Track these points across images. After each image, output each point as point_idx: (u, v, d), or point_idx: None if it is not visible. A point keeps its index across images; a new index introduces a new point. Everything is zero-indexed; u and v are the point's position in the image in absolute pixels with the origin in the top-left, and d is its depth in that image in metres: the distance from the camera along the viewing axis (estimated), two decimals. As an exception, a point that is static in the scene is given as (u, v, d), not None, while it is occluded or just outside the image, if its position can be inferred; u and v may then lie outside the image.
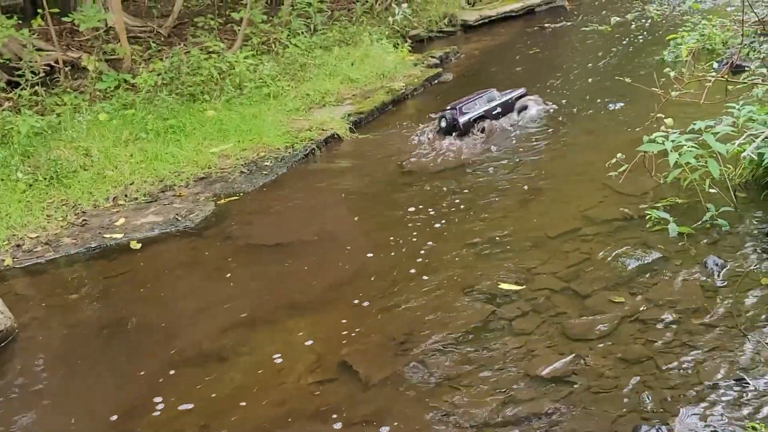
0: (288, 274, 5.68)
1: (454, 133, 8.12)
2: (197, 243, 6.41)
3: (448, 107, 8.32)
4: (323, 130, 8.56)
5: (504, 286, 5.08)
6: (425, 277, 5.34)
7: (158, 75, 9.03)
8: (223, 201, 7.18)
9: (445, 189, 6.85)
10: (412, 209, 6.50)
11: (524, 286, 5.05)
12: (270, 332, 4.95)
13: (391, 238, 6.00)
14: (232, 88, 9.25)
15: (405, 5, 12.46)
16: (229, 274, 5.77)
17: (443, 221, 6.22)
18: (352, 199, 7.10)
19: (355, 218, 6.67)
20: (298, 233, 6.39)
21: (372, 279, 5.44)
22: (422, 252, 5.73)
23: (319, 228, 6.47)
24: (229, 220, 6.77)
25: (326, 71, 10.18)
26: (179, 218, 6.82)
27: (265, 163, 7.86)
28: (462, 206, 6.45)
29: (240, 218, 6.79)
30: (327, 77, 10.04)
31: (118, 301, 5.60)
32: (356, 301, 5.13)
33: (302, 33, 10.83)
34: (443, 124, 8.33)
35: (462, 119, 8.16)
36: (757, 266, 4.80)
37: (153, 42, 10.27)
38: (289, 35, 10.62)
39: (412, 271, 5.47)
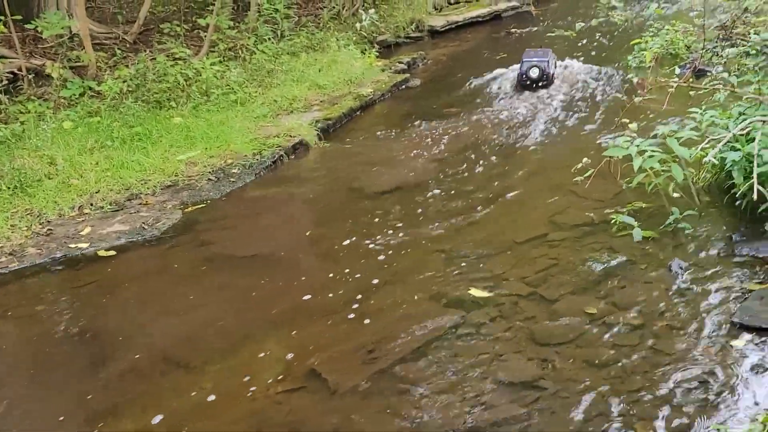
0: (256, 283, 5.64)
1: (539, 85, 9.22)
2: (164, 252, 6.34)
3: (530, 59, 9.41)
4: (291, 136, 8.53)
5: (473, 292, 5.10)
6: (394, 285, 5.35)
7: (124, 82, 8.94)
8: (190, 209, 7.12)
9: (412, 196, 6.85)
10: (380, 217, 6.51)
11: (493, 292, 5.07)
12: (238, 342, 4.91)
13: (360, 246, 5.99)
14: (199, 95, 9.19)
15: (372, 11, 12.48)
16: (196, 284, 5.72)
17: (411, 228, 6.23)
18: (319, 207, 7.07)
19: (323, 227, 6.63)
20: (265, 242, 6.35)
21: (341, 288, 5.41)
22: (391, 259, 5.74)
23: (287, 237, 6.44)
24: (197, 228, 6.71)
25: (294, 77, 10.15)
26: (146, 227, 6.74)
27: (233, 171, 7.82)
28: (429, 213, 6.47)
29: (207, 227, 6.74)
30: (294, 83, 10.01)
31: (85, 311, 5.52)
32: (325, 310, 5.11)
33: (269, 39, 10.80)
34: (534, 74, 9.30)
35: (551, 71, 9.25)
36: (720, 269, 4.87)
37: (118, 49, 10.17)
38: (256, 41, 10.58)
39: (381, 278, 5.46)
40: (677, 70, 8.40)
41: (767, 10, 7.82)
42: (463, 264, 5.51)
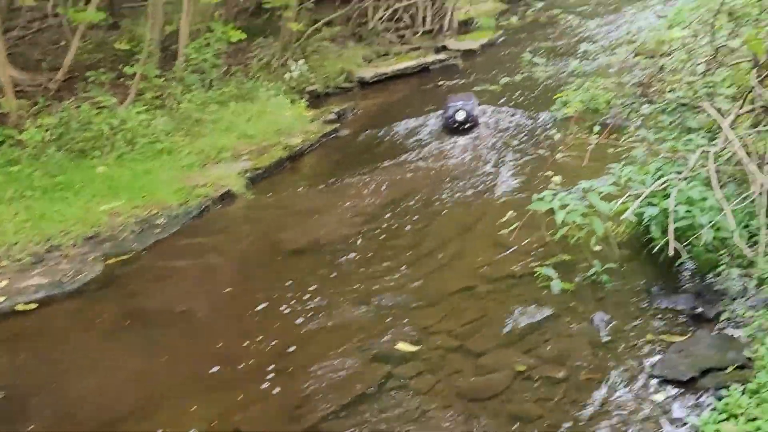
0: (178, 340, 5.51)
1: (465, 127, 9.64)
2: (84, 306, 6.16)
3: (454, 103, 9.84)
4: (219, 186, 8.44)
5: (401, 346, 5.09)
6: (321, 338, 5.31)
7: (47, 130, 8.74)
8: (112, 261, 6.95)
9: (338, 250, 6.81)
10: (308, 269, 6.47)
11: (420, 346, 5.08)
12: (160, 401, 4.77)
13: (286, 300, 5.93)
14: (124, 144, 9.03)
15: (302, 62, 12.54)
16: (117, 341, 5.56)
17: (339, 280, 6.21)
18: (246, 259, 6.97)
19: (249, 279, 6.54)
20: (189, 297, 6.23)
21: (266, 343, 5.34)
22: (318, 311, 5.70)
23: (210, 292, 6.31)
24: (119, 281, 6.55)
25: (222, 127, 10.08)
26: (66, 280, 6.55)
27: (158, 221, 7.68)
28: (357, 265, 6.45)
29: (130, 280, 6.59)
30: (223, 133, 9.93)
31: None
32: (249, 368, 5.03)
33: (197, 88, 10.73)
34: (460, 117, 9.64)
35: (475, 113, 9.74)
36: (640, 323, 4.98)
37: (42, 96, 9.96)
38: (183, 90, 10.50)
39: (308, 333, 5.42)
40: (596, 128, 8.65)
41: (681, 69, 8.14)
42: (390, 317, 5.50)
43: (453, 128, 9.94)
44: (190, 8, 11.14)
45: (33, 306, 6.17)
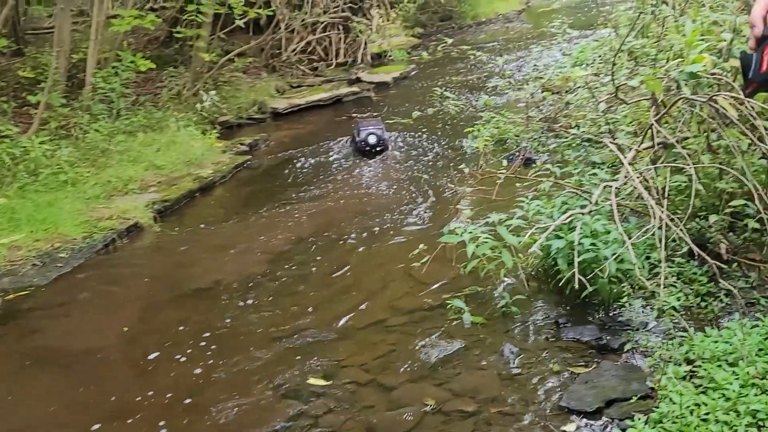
0: (72, 387, 5.25)
1: (376, 150, 10.09)
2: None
3: (366, 127, 10.29)
4: (125, 218, 8.22)
5: (311, 381, 5.03)
6: (230, 375, 5.19)
7: (-59, 160, 8.38)
8: (11, 296, 6.67)
9: (248, 286, 6.69)
10: (213, 308, 6.32)
11: (332, 381, 5.03)
12: None
13: (188, 341, 5.77)
14: (27, 175, 8.71)
15: (213, 92, 12.42)
16: (12, 384, 5.29)
17: (248, 313, 6.11)
18: (149, 297, 6.71)
19: (150, 319, 6.29)
20: (87, 337, 5.97)
21: (171, 383, 5.19)
22: (226, 347, 5.58)
23: (110, 332, 6.04)
24: (17, 318, 6.27)
25: (130, 157, 9.84)
26: (-41, 317, 6.25)
27: (60, 255, 7.41)
28: (266, 303, 6.34)
29: (29, 317, 6.31)
30: (130, 164, 9.70)
31: None
32: (152, 409, 4.86)
33: (104, 118, 10.47)
34: (372, 140, 10.07)
35: (386, 137, 10.19)
36: (548, 354, 5.07)
37: (-63, 124, 9.55)
38: (90, 120, 10.23)
39: (217, 369, 5.29)
40: (505, 162, 8.85)
41: (584, 106, 8.42)
42: (300, 354, 5.43)
43: (365, 151, 10.36)
44: (98, 36, 10.92)
45: None
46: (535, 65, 14.08)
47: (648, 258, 5.65)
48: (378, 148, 10.35)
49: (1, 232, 7.68)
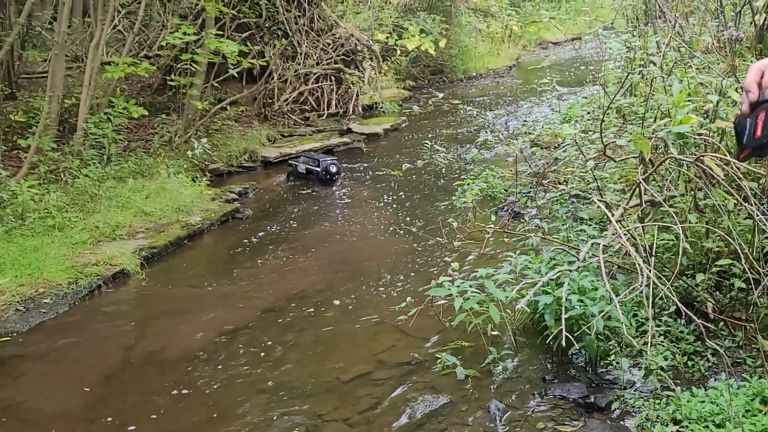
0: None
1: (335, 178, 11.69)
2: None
3: (323, 159, 11.80)
4: (111, 265, 8.17)
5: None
6: (214, 428, 5.11)
7: (-72, 202, 8.34)
8: (-7, 342, 6.59)
9: (230, 334, 6.65)
10: (198, 354, 6.27)
11: (315, 436, 4.96)
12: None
13: (175, 388, 5.72)
14: (13, 218, 8.68)
15: (205, 140, 12.46)
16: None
17: (231, 367, 6.03)
18: (136, 346, 6.63)
19: (141, 366, 6.25)
20: (72, 392, 5.85)
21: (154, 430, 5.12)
22: (210, 400, 5.51)
23: (97, 384, 5.95)
24: (-2, 365, 6.20)
25: (119, 203, 9.82)
26: (-62, 362, 6.15)
27: (44, 301, 7.34)
28: (252, 349, 6.30)
29: (8, 366, 6.22)
30: (119, 209, 9.68)
31: None
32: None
33: (95, 163, 10.48)
34: (333, 169, 11.67)
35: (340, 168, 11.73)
36: (534, 411, 5.02)
37: (-75, 165, 9.53)
38: (80, 165, 10.23)
39: (204, 419, 5.22)
40: (493, 216, 8.87)
41: (573, 162, 8.49)
42: (283, 405, 5.36)
43: (326, 179, 11.81)
44: (91, 82, 10.99)
45: None
46: (524, 120, 14.24)
47: (635, 315, 5.65)
48: (336, 177, 11.90)
49: (-15, 276, 7.62)
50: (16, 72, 13.83)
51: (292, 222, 10.06)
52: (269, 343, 6.44)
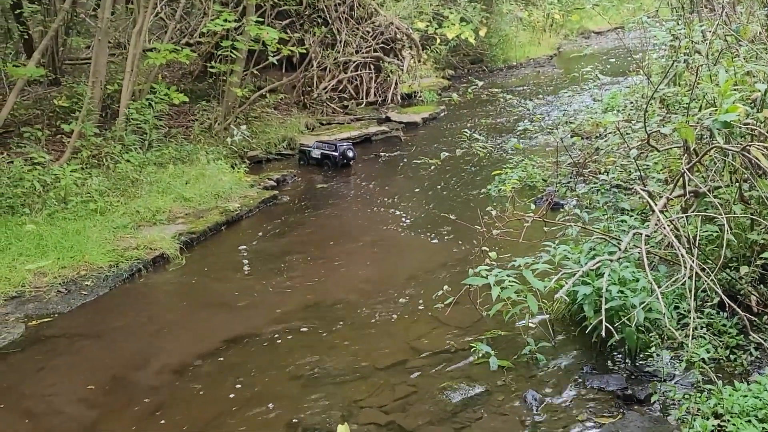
0: (100, 416, 5.25)
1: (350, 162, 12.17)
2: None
3: (340, 144, 12.23)
4: (151, 249, 8.26)
5: (341, 428, 4.91)
6: (249, 412, 5.14)
7: (-26, 185, 8.51)
8: (35, 323, 6.70)
9: (268, 319, 6.68)
10: (235, 339, 6.30)
11: (350, 421, 4.95)
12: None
13: (211, 370, 5.78)
14: (56, 202, 8.82)
15: (244, 127, 12.54)
16: (26, 419, 5.27)
17: (267, 352, 6.06)
18: (174, 329, 6.71)
19: (178, 349, 6.29)
20: (113, 368, 5.95)
21: (191, 413, 5.16)
22: (245, 383, 5.54)
23: (138, 362, 6.05)
24: (39, 346, 6.29)
25: (159, 188, 9.93)
26: (-17, 341, 6.28)
27: (86, 283, 7.45)
28: (288, 337, 6.32)
29: (50, 345, 6.32)
30: (159, 195, 9.78)
31: None
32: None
33: (136, 148, 10.60)
34: (350, 154, 12.17)
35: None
36: (572, 402, 4.96)
37: (-28, 150, 9.72)
38: (122, 150, 10.35)
39: (238, 403, 5.25)
40: (532, 206, 8.79)
41: (615, 152, 8.37)
42: (320, 391, 5.37)
43: (342, 164, 12.19)
44: (134, 68, 11.09)
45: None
46: (564, 110, 14.07)
47: (676, 308, 5.55)
48: (351, 162, 12.29)
49: (28, 257, 7.75)
50: (60, 58, 14.04)
51: (330, 209, 10.08)
52: (305, 330, 6.45)
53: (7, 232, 8.06)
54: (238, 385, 5.53)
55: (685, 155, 5.71)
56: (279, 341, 6.27)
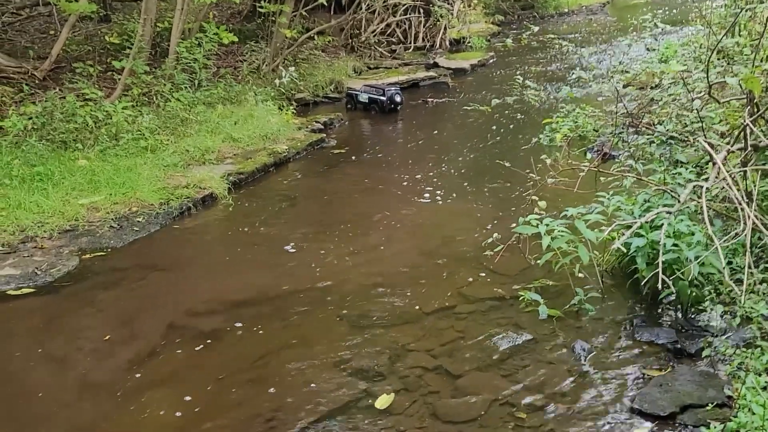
0: (151, 351, 5.36)
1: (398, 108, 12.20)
2: (54, 303, 6.02)
3: (387, 88, 12.30)
4: (201, 188, 8.34)
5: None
6: (296, 351, 5.20)
7: (29, 119, 8.61)
8: (88, 256, 6.83)
9: (314, 263, 6.69)
10: (281, 283, 6.33)
11: (397, 364, 4.99)
12: (119, 405, 4.65)
13: (257, 313, 5.81)
14: (108, 138, 8.91)
15: (292, 69, 12.50)
16: (78, 348, 5.40)
17: (312, 296, 6.08)
18: (223, 270, 6.73)
19: (227, 289, 6.33)
20: (165, 305, 6.03)
21: (241, 351, 5.24)
22: (291, 324, 5.60)
23: (186, 300, 6.11)
24: (93, 279, 6.41)
25: (208, 128, 9.98)
26: (39, 272, 6.42)
27: (137, 219, 7.56)
28: (333, 280, 6.33)
29: (104, 278, 6.44)
30: (209, 134, 9.84)
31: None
32: (222, 374, 4.92)
33: (186, 88, 10.63)
34: (398, 99, 12.20)
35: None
36: (621, 354, 4.93)
37: (26, 84, 9.82)
38: (171, 89, 10.39)
39: (285, 343, 5.32)
40: (588, 154, 8.65)
41: (671, 103, 8.17)
42: (366, 333, 5.41)
43: (390, 108, 12.21)
44: (184, 7, 11.06)
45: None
46: (619, 59, 13.75)
47: (729, 263, 5.44)
48: (399, 107, 12.28)
49: (81, 192, 7.88)
50: (111, -6, 14.06)
51: (377, 155, 10.05)
52: (350, 276, 6.45)
53: (60, 166, 8.17)
54: (285, 327, 5.59)
55: (748, 107, 5.54)
56: (323, 283, 6.29)
